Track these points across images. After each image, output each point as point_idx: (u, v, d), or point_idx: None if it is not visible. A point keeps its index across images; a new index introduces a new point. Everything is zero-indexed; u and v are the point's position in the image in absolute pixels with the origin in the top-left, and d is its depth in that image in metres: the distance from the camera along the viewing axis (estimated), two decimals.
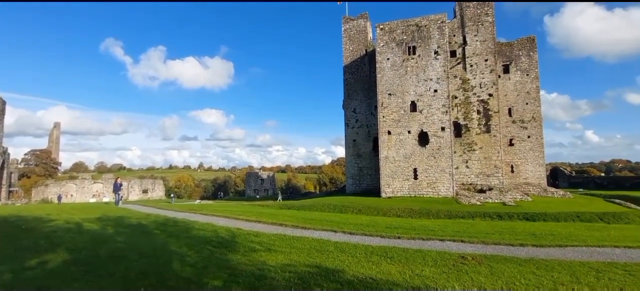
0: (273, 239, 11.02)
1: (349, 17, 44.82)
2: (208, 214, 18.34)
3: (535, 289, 6.63)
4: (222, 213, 18.84)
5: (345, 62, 44.31)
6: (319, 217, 19.03)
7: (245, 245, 10.06)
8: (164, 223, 14.50)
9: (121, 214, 18.02)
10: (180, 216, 17.78)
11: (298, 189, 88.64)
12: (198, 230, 12.75)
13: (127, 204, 31.23)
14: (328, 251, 9.52)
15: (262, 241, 10.65)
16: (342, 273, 7.39)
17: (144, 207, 25.42)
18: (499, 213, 22.76)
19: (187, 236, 11.58)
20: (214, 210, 21.11)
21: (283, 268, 7.49)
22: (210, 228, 13.05)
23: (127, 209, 22.03)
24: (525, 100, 39.83)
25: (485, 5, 38.64)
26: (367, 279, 7.01)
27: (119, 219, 15.51)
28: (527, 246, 10.66)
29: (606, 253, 9.78)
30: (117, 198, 26.75)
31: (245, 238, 11.17)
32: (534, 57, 40.22)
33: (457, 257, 9.03)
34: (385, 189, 34.61)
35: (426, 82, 34.78)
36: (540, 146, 39.12)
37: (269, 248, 9.62)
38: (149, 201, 47.26)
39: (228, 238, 11.04)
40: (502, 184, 35.68)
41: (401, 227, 14.85)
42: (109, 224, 14.01)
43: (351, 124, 43.44)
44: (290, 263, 8.04)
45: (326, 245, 10.37)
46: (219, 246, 10.00)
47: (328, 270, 7.58)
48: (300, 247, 9.92)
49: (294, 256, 8.80)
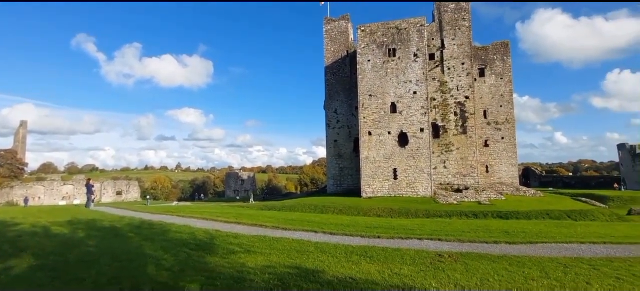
0: (252, 240, 10.89)
1: (330, 18, 45.00)
2: (185, 216, 17.90)
3: (507, 284, 6.87)
4: (200, 214, 18.44)
5: (327, 62, 44.45)
6: (300, 217, 18.98)
7: (223, 247, 9.88)
8: (138, 226, 14.01)
9: (93, 217, 17.27)
10: (156, 218, 17.25)
11: (279, 189, 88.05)
12: (175, 233, 12.41)
13: (99, 206, 29.97)
14: (308, 251, 9.50)
15: (241, 242, 10.49)
16: (322, 273, 7.39)
17: (117, 209, 24.49)
18: (474, 212, 23.49)
19: (163, 239, 11.24)
20: (191, 212, 20.62)
21: (262, 270, 7.41)
22: (187, 230, 12.73)
23: (100, 212, 21.14)
24: (499, 102, 41.33)
25: (462, 10, 39.81)
26: (347, 279, 7.04)
27: (91, 222, 14.86)
28: (500, 243, 11.05)
29: (573, 249, 10.28)
30: (88, 200, 25.63)
31: (223, 239, 10.97)
32: (507, 62, 41.80)
33: (435, 255, 9.23)
34: (366, 189, 34.96)
35: (406, 84, 35.42)
36: (513, 147, 40.70)
37: (249, 250, 9.50)
38: (123, 203, 45.56)
39: (206, 240, 10.80)
40: (477, 183, 36.84)
41: (381, 227, 15.04)
42: (80, 227, 13.40)
43: (332, 125, 43.61)
44: (270, 265, 7.96)
45: (306, 245, 10.34)
46: (196, 248, 9.77)
47: (308, 270, 7.56)
48: (280, 248, 9.85)
49: (273, 258, 8.73)
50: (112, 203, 50.55)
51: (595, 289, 6.65)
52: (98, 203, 43.95)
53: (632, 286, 6.82)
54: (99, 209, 24.86)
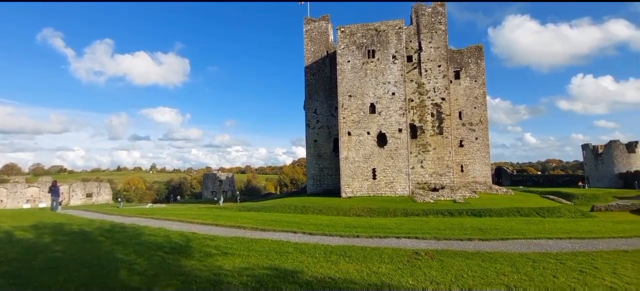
0: (230, 242, 10.70)
1: (310, 18, 45.01)
2: (160, 218, 17.34)
3: (481, 280, 7.11)
4: (176, 217, 17.93)
5: (307, 63, 44.43)
6: (279, 218, 18.85)
7: (200, 250, 9.65)
8: (109, 229, 13.45)
9: (60, 220, 16.41)
10: (128, 221, 16.61)
11: (258, 190, 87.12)
12: (148, 236, 12.00)
13: (68, 209, 28.51)
14: (287, 252, 9.44)
15: (218, 245, 10.29)
16: (300, 274, 7.36)
17: (87, 212, 23.39)
18: (450, 210, 24.17)
19: (136, 242, 10.84)
20: (167, 214, 20.01)
21: (240, 272, 7.29)
22: (162, 233, 12.34)
23: (68, 215, 20.12)
24: (474, 104, 42.77)
25: (439, 14, 40.91)
26: (326, 279, 7.05)
27: (58, 227, 14.12)
28: (474, 240, 11.42)
29: (541, 245, 10.78)
30: (55, 203, 24.33)
31: (200, 242, 10.71)
32: (481, 65, 43.33)
33: (412, 253, 9.42)
34: (345, 189, 35.20)
35: (385, 85, 35.97)
36: (486, 147, 42.23)
37: (226, 252, 9.32)
38: (94, 206, 43.59)
39: (182, 243, 10.52)
40: (453, 182, 37.94)
41: (360, 226, 15.18)
42: (46, 232, 12.69)
43: (312, 125, 43.62)
44: (248, 267, 7.85)
45: (285, 246, 10.28)
46: (171, 252, 9.49)
47: (287, 271, 7.52)
48: (259, 249, 9.73)
49: (252, 259, 8.61)
50: (82, 205, 48.23)
51: (562, 282, 7.00)
52: (66, 206, 41.82)
53: (594, 279, 7.23)
54: (67, 212, 23.64)
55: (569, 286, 6.73)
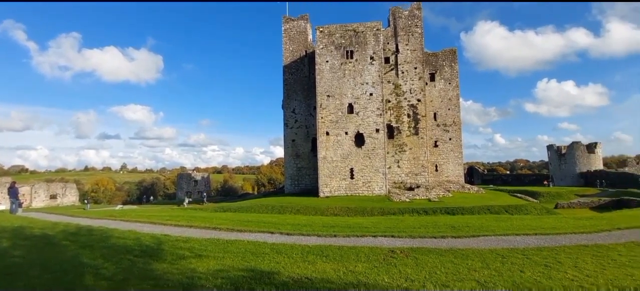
0: (205, 244, 10.43)
1: (289, 17, 44.76)
2: (131, 220, 16.65)
3: (453, 276, 7.32)
4: (148, 218, 17.28)
5: (285, 62, 44.15)
6: (256, 218, 18.60)
7: (172, 252, 9.34)
8: (75, 233, 12.76)
9: (20, 224, 15.38)
10: (96, 223, 15.83)
11: (235, 190, 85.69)
12: (117, 239, 11.49)
13: (29, 212, 26.78)
14: (264, 253, 9.33)
15: (192, 247, 10.00)
16: (277, 274, 7.29)
17: (51, 215, 22.08)
18: (425, 209, 24.79)
19: (103, 246, 10.35)
20: (137, 216, 19.24)
21: (214, 274, 7.11)
22: (132, 236, 11.84)
23: (29, 218, 18.88)
24: (448, 106, 44.10)
25: (415, 18, 41.85)
26: (303, 279, 7.02)
27: (18, 230, 13.23)
28: (447, 237, 11.75)
29: (510, 241, 11.25)
30: (14, 206, 22.79)
31: (173, 244, 10.37)
32: (455, 68, 44.76)
33: (388, 251, 9.56)
34: (323, 189, 35.29)
35: (363, 85, 36.37)
36: (459, 148, 43.67)
37: (200, 254, 9.07)
38: (58, 208, 41.21)
39: (153, 246, 10.14)
40: (428, 182, 38.95)
41: (337, 226, 15.24)
42: (4, 236, 11.86)
43: (290, 125, 43.41)
44: (223, 269, 7.68)
45: (262, 247, 10.14)
46: (141, 255, 9.13)
47: (263, 272, 7.41)
48: (235, 251, 9.55)
49: (227, 261, 8.43)
50: (45, 208, 45.48)
51: (528, 276, 7.33)
52: (27, 208, 39.29)
53: (558, 272, 7.63)
54: (28, 215, 22.19)
55: (535, 280, 7.06)
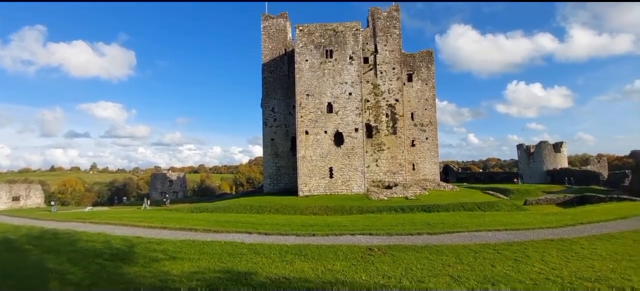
0: (180, 246, 10.14)
1: (268, 15, 44.29)
2: (100, 222, 15.94)
3: (428, 272, 7.50)
4: (119, 220, 16.60)
5: (264, 60, 43.67)
6: (234, 219, 18.30)
7: (145, 255, 9.02)
8: (39, 237, 12.06)
9: None
10: (62, 226, 15.04)
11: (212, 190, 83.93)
12: (86, 242, 10.98)
13: None
14: (241, 254, 9.18)
15: (166, 249, 9.69)
16: (254, 275, 7.19)
17: (13, 218, 20.78)
18: (402, 207, 25.26)
19: (71, 250, 9.85)
20: (108, 218, 18.44)
21: (189, 277, 6.93)
22: (101, 239, 11.34)
23: None
24: (425, 106, 45.16)
25: (394, 19, 42.52)
26: (280, 279, 6.96)
27: None
28: (423, 234, 12.03)
29: (482, 237, 11.67)
30: None
31: (145, 247, 10.01)
32: (431, 69, 45.88)
33: (365, 249, 9.66)
34: (303, 188, 35.23)
35: (342, 85, 36.57)
36: (435, 147, 44.84)
37: (174, 256, 8.81)
38: (22, 211, 38.82)
39: (124, 249, 9.75)
40: (405, 180, 39.73)
41: (316, 224, 15.25)
42: None
43: (269, 123, 43.01)
44: (198, 271, 7.49)
45: (239, 247, 9.98)
46: (112, 258, 8.76)
47: (240, 273, 7.30)
48: (211, 252, 9.34)
49: (202, 263, 8.23)
50: (7, 210, 42.73)
51: (498, 270, 7.62)
52: None
53: (526, 266, 7.98)
54: None
55: (505, 274, 7.35)
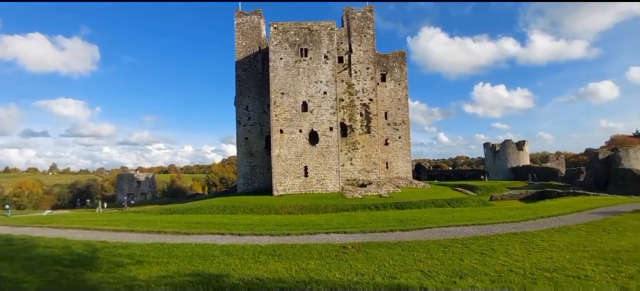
0: (147, 249, 9.71)
1: (242, 12, 43.48)
2: (60, 227, 14.96)
3: (400, 267, 7.65)
4: (82, 224, 15.67)
5: (238, 57, 42.86)
6: (206, 220, 17.82)
7: (109, 260, 8.56)
8: None
9: None
10: (17, 232, 13.97)
11: (183, 190, 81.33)
12: (43, 248, 10.26)
13: None
14: (213, 256, 8.94)
15: (132, 253, 9.25)
16: (226, 277, 7.02)
17: None
18: (376, 204, 25.69)
19: (26, 257, 9.16)
20: (69, 222, 17.36)
21: (157, 281, 6.65)
22: (61, 244, 10.64)
23: None
24: (397, 106, 46.18)
25: (368, 19, 43.11)
26: (253, 280, 6.84)
27: None
28: (396, 231, 12.29)
29: (451, 232, 12.09)
30: None
31: (110, 252, 9.51)
32: (404, 70, 46.99)
33: (340, 247, 9.72)
34: (277, 187, 34.96)
35: (317, 84, 36.61)
36: (408, 146, 46.00)
37: (141, 261, 8.43)
38: None
39: (86, 255, 9.20)
40: (379, 178, 40.46)
41: (291, 224, 15.17)
42: None
43: (243, 122, 42.30)
44: (167, 275, 7.21)
45: (211, 249, 9.72)
46: (72, 265, 8.24)
47: (211, 276, 7.10)
48: (181, 255, 9.03)
49: (172, 267, 7.93)
50: None
51: (466, 264, 7.92)
52: None
53: (492, 259, 8.35)
54: None
55: (472, 267, 7.65)
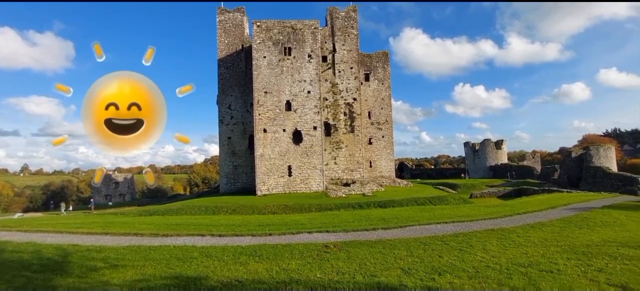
0: (122, 252, 9.39)
1: (224, 9, 42.77)
2: (30, 230, 14.28)
3: (381, 265, 7.70)
4: (53, 227, 15.02)
5: (220, 55, 42.14)
6: (186, 221, 17.43)
7: (82, 265, 8.23)
8: None
9: None
10: None
11: (164, 191, 79.38)
12: (11, 253, 9.77)
13: None
14: (192, 258, 8.74)
15: (106, 256, 8.92)
16: (205, 280, 6.87)
17: None
18: (359, 203, 25.84)
19: None
20: (40, 225, 16.60)
21: (132, 285, 6.43)
22: (30, 249, 10.15)
23: None
24: (381, 105, 46.62)
25: (351, 19, 43.29)
26: (233, 282, 6.72)
27: None
28: (378, 229, 12.38)
29: (431, 229, 12.28)
30: None
31: (82, 255, 9.14)
32: (387, 70, 47.48)
33: (322, 247, 9.69)
34: (261, 187, 34.64)
35: (300, 83, 36.48)
36: (391, 145, 46.53)
37: (116, 264, 8.13)
38: None
39: (57, 259, 8.81)
40: (363, 177, 40.75)
41: (273, 224, 15.04)
42: None
43: (226, 121, 41.66)
44: (143, 279, 6.98)
45: (190, 251, 9.50)
46: (42, 270, 7.87)
47: (189, 279, 6.93)
48: (158, 258, 8.77)
49: (148, 270, 7.69)
50: None
51: (445, 260, 8.05)
52: None
53: (470, 255, 8.52)
54: None
55: (451, 264, 7.78)
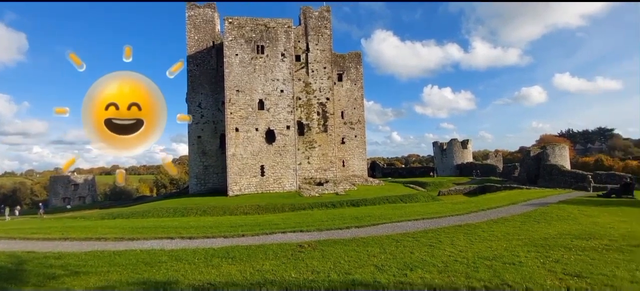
0: (84, 258, 8.85)
1: (194, 4, 41.41)
2: None
3: (355, 263, 7.81)
4: (5, 233, 13.86)
5: (190, 51, 40.78)
6: (154, 224, 16.72)
7: (39, 273, 7.66)
8: None
9: None
10: None
11: (129, 193, 75.63)
12: None
13: None
14: (160, 262, 8.39)
15: (66, 263, 8.36)
16: (175, 284, 6.63)
17: None
18: (333, 202, 26.03)
19: None
20: None
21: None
22: None
23: None
24: (353, 105, 47.22)
25: (325, 19, 43.46)
26: (205, 285, 6.54)
27: None
28: (351, 228, 12.54)
29: (403, 226, 12.62)
30: None
31: (39, 263, 8.50)
32: (360, 70, 48.16)
33: (296, 246, 9.67)
34: (233, 187, 33.95)
35: (273, 82, 36.13)
36: (363, 144, 47.28)
37: (77, 271, 7.65)
38: None
39: (10, 267, 8.14)
40: (336, 177, 41.09)
41: (247, 224, 14.79)
42: None
43: (196, 120, 40.37)
44: (107, 285, 6.62)
45: (158, 255, 9.12)
46: None
47: (158, 284, 6.65)
48: (124, 263, 8.34)
49: (113, 276, 7.30)
50: None
51: (416, 256, 8.31)
52: None
53: (439, 250, 8.85)
54: None
55: (421, 259, 8.04)
